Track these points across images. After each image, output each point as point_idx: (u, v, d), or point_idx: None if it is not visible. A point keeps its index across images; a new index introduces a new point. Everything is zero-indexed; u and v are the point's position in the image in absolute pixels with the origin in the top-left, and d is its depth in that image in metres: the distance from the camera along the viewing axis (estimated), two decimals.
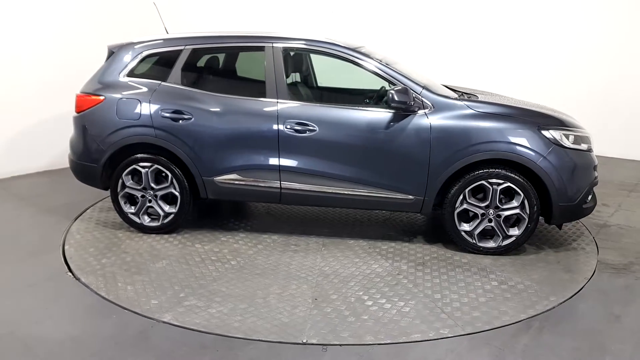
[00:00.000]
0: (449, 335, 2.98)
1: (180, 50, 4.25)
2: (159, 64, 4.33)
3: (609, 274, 3.86)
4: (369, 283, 3.60)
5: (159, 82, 4.23)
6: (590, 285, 3.66)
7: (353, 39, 6.07)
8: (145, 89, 4.21)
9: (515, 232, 3.99)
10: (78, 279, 3.59)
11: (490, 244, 4.04)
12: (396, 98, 3.81)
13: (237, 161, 4.13)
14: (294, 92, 4.81)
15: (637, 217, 5.10)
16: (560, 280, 3.66)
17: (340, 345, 2.87)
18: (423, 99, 3.95)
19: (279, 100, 4.06)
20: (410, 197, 4.03)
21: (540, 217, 4.07)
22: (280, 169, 4.09)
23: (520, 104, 4.24)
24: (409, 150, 3.93)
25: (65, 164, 5.99)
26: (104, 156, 4.26)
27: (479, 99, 4.17)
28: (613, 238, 4.56)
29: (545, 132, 3.85)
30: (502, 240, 4.01)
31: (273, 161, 4.08)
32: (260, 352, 2.81)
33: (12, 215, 4.91)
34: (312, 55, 5.01)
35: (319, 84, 5.40)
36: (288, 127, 4.01)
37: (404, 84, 3.97)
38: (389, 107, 3.88)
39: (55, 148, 6.36)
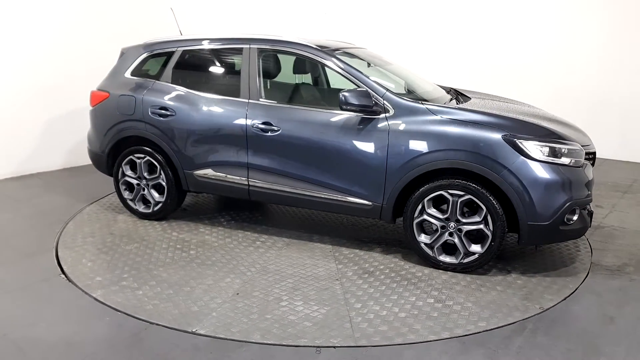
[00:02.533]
0: (337, 345, 2.88)
1: (174, 52, 4.59)
2: (157, 64, 4.70)
3: (603, 275, 3.78)
4: (301, 285, 3.57)
5: (154, 80, 4.60)
6: (584, 287, 3.59)
7: (353, 39, 5.99)
8: (141, 87, 4.60)
9: (477, 249, 3.67)
10: (70, 280, 3.64)
11: (451, 259, 3.76)
12: (350, 101, 3.72)
13: (213, 157, 4.34)
14: (287, 93, 4.89)
15: (631, 219, 4.96)
16: (507, 307, 3.29)
17: (335, 347, 2.87)
18: (385, 102, 3.80)
19: (250, 100, 4.19)
20: (368, 203, 3.90)
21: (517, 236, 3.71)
22: (248, 166, 4.21)
23: (503, 111, 3.88)
24: (367, 154, 3.81)
25: (60, 166, 6.64)
26: (107, 146, 4.75)
27: (438, 104, 3.87)
28: (607, 239, 4.43)
29: (512, 142, 3.48)
30: (464, 257, 3.71)
31: (242, 158, 4.22)
32: (254, 354, 2.81)
33: (6, 217, 4.91)
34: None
35: (332, 86, 5.40)
36: (254, 126, 4.12)
37: (368, 87, 3.86)
38: (341, 109, 3.79)
39: (50, 150, 6.45)
